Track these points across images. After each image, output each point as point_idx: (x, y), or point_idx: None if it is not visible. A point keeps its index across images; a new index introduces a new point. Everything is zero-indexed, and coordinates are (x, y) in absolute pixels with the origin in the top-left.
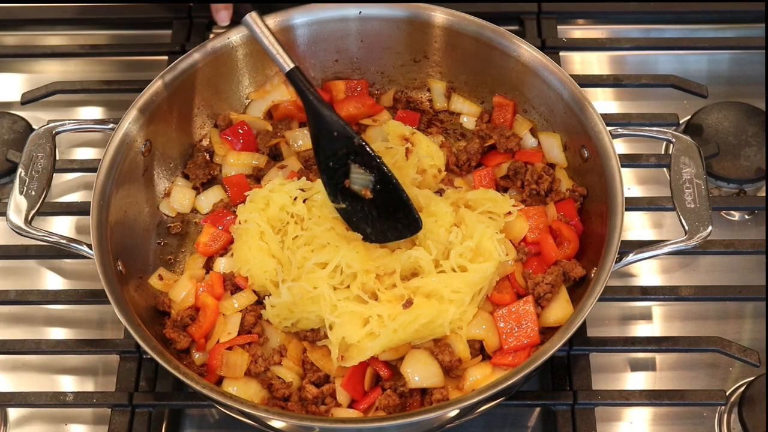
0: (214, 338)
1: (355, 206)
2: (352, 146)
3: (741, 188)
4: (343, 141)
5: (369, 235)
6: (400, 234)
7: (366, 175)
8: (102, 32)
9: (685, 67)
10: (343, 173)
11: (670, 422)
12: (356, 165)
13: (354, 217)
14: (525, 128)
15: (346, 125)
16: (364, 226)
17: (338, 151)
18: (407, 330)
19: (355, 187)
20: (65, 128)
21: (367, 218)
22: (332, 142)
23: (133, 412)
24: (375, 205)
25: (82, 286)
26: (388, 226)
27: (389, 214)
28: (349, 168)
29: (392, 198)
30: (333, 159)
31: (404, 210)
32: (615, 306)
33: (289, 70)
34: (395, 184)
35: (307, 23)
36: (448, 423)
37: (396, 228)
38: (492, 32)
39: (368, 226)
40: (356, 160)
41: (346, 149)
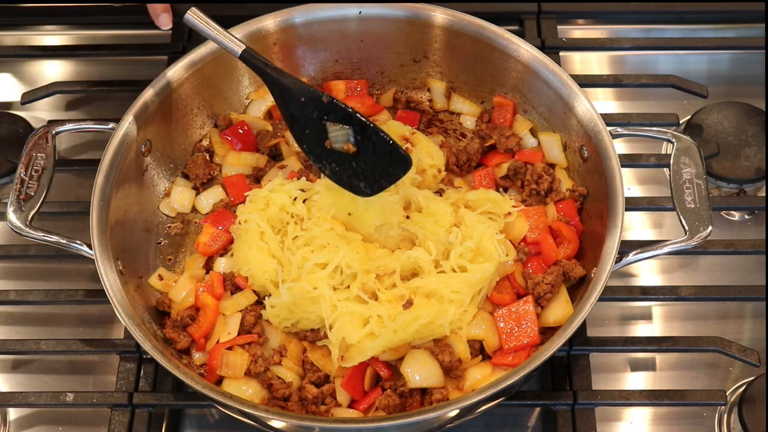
0: (214, 338)
1: (342, 165)
2: (323, 105)
3: (741, 188)
4: (312, 104)
5: (364, 189)
6: (393, 176)
7: (344, 129)
8: (102, 32)
9: (685, 67)
10: (322, 136)
11: (670, 422)
12: (331, 123)
13: (344, 176)
14: (525, 128)
15: (311, 88)
16: (356, 182)
17: (310, 116)
18: (407, 330)
19: (337, 146)
20: (65, 128)
21: (357, 173)
22: (302, 108)
23: (133, 412)
24: (361, 158)
25: (82, 286)
26: (379, 173)
27: (377, 160)
28: (326, 128)
29: (375, 143)
30: (308, 126)
31: (391, 150)
32: (615, 306)
33: (241, 52)
34: (374, 128)
35: (307, 23)
36: (448, 423)
37: (387, 171)
38: (492, 32)
39: (361, 181)
40: (330, 118)
41: (317, 110)
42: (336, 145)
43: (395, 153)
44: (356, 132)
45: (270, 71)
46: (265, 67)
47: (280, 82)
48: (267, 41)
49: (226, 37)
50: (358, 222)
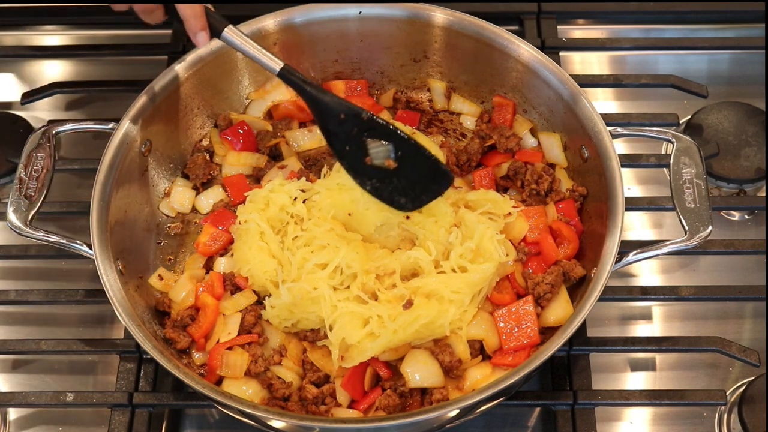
0: (214, 338)
1: (383, 181)
2: (362, 122)
3: (741, 188)
4: (351, 120)
5: (405, 205)
6: (435, 191)
7: (384, 145)
8: (102, 32)
9: (685, 67)
10: (362, 152)
11: (670, 422)
12: (371, 139)
13: (384, 192)
14: (525, 128)
15: (350, 104)
16: (397, 197)
17: (350, 132)
18: (407, 330)
19: (377, 162)
20: (65, 128)
21: (398, 189)
22: (342, 124)
23: (133, 412)
24: (402, 173)
25: (82, 286)
26: (420, 189)
27: (418, 177)
28: (366, 144)
29: (417, 159)
30: (348, 142)
31: (431, 166)
32: (615, 306)
33: (279, 70)
34: (415, 144)
35: (307, 23)
36: (448, 423)
37: (429, 187)
38: (492, 32)
39: (402, 196)
40: (370, 134)
41: (358, 127)
42: (376, 161)
43: (436, 168)
44: (397, 148)
45: (309, 89)
46: (303, 84)
47: (319, 99)
48: (267, 41)
49: (265, 55)
50: (358, 222)
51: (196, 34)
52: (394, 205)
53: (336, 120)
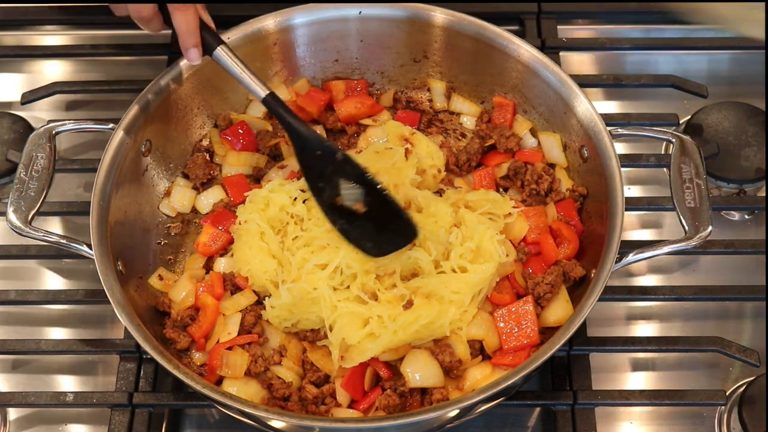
0: (214, 338)
1: (351, 223)
2: (336, 162)
3: (741, 188)
4: (327, 158)
5: (369, 250)
6: (398, 243)
7: (355, 188)
8: (102, 32)
9: (685, 67)
10: (334, 191)
11: (670, 422)
12: (344, 180)
13: (352, 234)
14: (525, 128)
15: (328, 143)
16: (363, 241)
17: (325, 170)
18: (407, 331)
19: (347, 203)
20: (65, 128)
21: (365, 233)
22: (317, 161)
23: (133, 412)
24: (370, 218)
25: (82, 286)
26: (385, 238)
27: (384, 225)
28: (338, 184)
29: (384, 207)
30: (322, 179)
31: (398, 217)
32: (615, 306)
33: (264, 96)
34: (385, 194)
35: (307, 23)
36: (448, 423)
37: (393, 238)
38: (492, 32)
39: (367, 241)
40: (343, 175)
41: (332, 166)
42: (346, 202)
43: (402, 220)
44: (367, 193)
45: (290, 119)
46: (285, 114)
47: (299, 132)
48: (267, 41)
49: (253, 80)
50: None
51: (188, 50)
52: (360, 248)
53: (312, 155)
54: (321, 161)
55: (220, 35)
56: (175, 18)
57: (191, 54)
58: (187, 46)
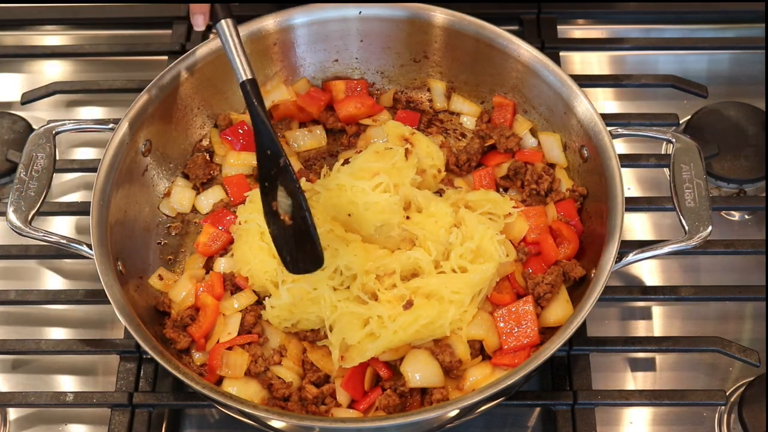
0: (214, 338)
1: (281, 230)
2: (278, 167)
3: (741, 188)
4: (273, 159)
5: (287, 264)
6: (305, 268)
7: (286, 198)
8: (102, 32)
9: (685, 67)
10: (273, 195)
11: (670, 422)
12: (281, 187)
13: (279, 241)
14: (525, 128)
15: (278, 145)
16: (285, 253)
17: (271, 170)
18: (407, 331)
19: (280, 210)
20: (65, 128)
21: (288, 245)
22: (267, 160)
23: (133, 412)
24: (293, 233)
25: (82, 286)
26: (300, 257)
27: (301, 245)
28: (277, 189)
29: (303, 228)
30: (267, 178)
31: (311, 243)
32: (615, 306)
33: (243, 80)
34: (305, 215)
35: (307, 23)
36: (448, 423)
37: (304, 260)
38: (492, 32)
39: (287, 254)
40: (281, 181)
41: (276, 169)
42: (279, 209)
43: (314, 248)
44: (294, 208)
45: (256, 111)
46: (255, 105)
47: (258, 126)
48: (267, 41)
49: (240, 60)
50: (358, 223)
51: (195, 15)
52: (280, 257)
53: (264, 153)
54: (269, 161)
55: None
56: None
57: (197, 20)
58: (195, 11)
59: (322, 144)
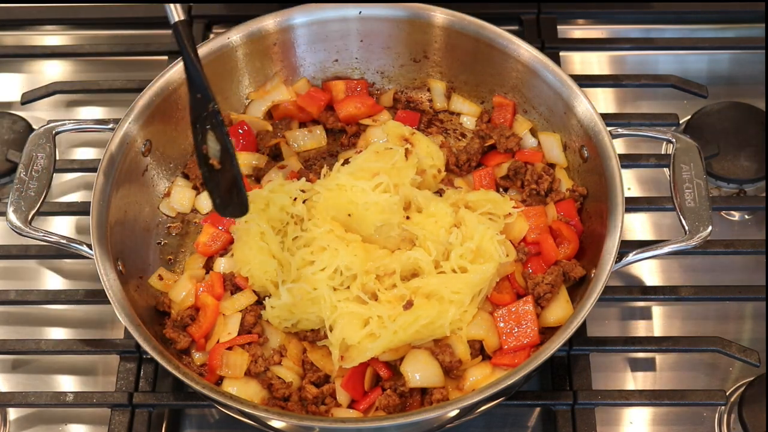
0: (214, 338)
1: (211, 174)
2: (208, 112)
3: (741, 188)
4: (203, 104)
5: (218, 206)
6: (232, 212)
7: (215, 143)
8: (102, 32)
9: (685, 67)
10: (203, 138)
11: (670, 422)
12: (211, 132)
13: (209, 183)
14: (525, 128)
15: (208, 88)
16: (215, 195)
17: (201, 113)
18: (408, 331)
19: (210, 154)
20: (65, 128)
21: (218, 189)
22: (197, 103)
23: (133, 412)
24: (221, 178)
25: (82, 286)
26: (227, 202)
27: (228, 191)
28: (206, 133)
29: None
30: (198, 121)
31: (237, 190)
32: (615, 306)
33: (175, 21)
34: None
35: (307, 23)
36: (448, 423)
37: (232, 205)
38: (492, 32)
39: (217, 197)
40: (211, 127)
41: (206, 113)
42: (209, 153)
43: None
44: (222, 152)
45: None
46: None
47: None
48: (267, 41)
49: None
50: (358, 223)
51: None
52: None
53: (194, 96)
54: (199, 104)
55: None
56: None
57: None
58: None
59: (322, 144)
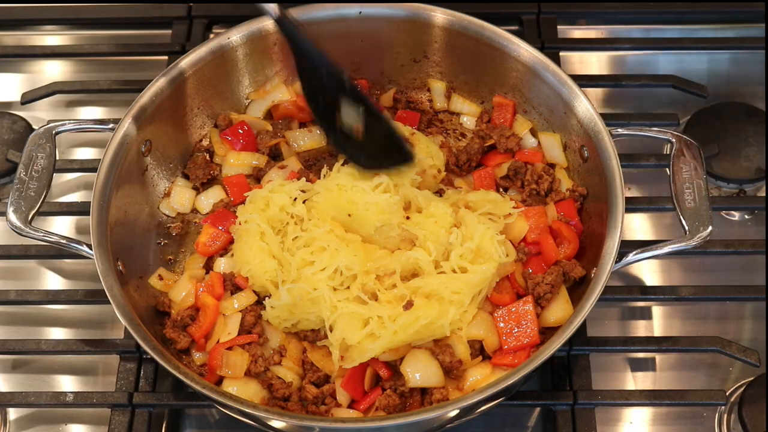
0: (214, 338)
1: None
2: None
3: (741, 188)
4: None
5: (363, 163)
6: (394, 163)
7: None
8: (102, 32)
9: (685, 67)
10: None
11: (670, 422)
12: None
13: (347, 146)
14: (525, 128)
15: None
16: (358, 153)
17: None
18: (408, 331)
19: (346, 124)
20: (65, 128)
21: (361, 147)
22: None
23: (133, 412)
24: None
25: (82, 286)
26: (382, 158)
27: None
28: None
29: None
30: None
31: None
32: (615, 306)
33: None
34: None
35: (307, 23)
36: (448, 423)
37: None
38: (492, 32)
39: (363, 155)
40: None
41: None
42: (346, 122)
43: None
44: (367, 117)
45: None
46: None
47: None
48: (267, 41)
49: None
50: (358, 223)
51: None
52: (353, 159)
53: (318, 76)
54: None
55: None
56: None
57: None
58: None
59: (322, 144)
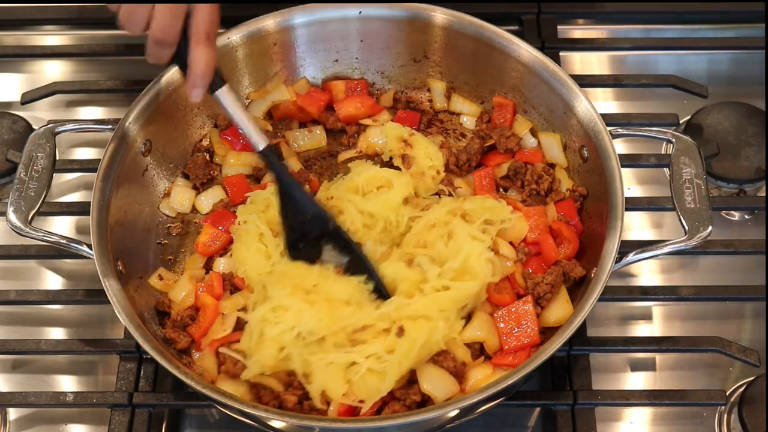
0: (210, 336)
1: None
2: (327, 230)
3: (741, 188)
4: (316, 223)
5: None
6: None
7: (340, 256)
8: (102, 32)
9: (685, 67)
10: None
11: (670, 422)
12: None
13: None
14: (525, 128)
15: (321, 208)
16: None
17: (310, 233)
18: (410, 357)
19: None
20: (65, 128)
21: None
22: (304, 224)
23: (133, 412)
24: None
25: (82, 286)
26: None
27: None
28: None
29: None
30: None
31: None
32: (615, 306)
33: (263, 148)
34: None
35: (307, 23)
36: (448, 423)
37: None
38: (492, 32)
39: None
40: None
41: (321, 231)
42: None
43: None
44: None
45: (285, 177)
46: (281, 171)
47: (292, 194)
48: (267, 41)
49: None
50: (326, 293)
51: (195, 90)
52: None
53: (302, 218)
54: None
55: (221, 34)
56: (195, 53)
57: (196, 94)
58: (197, 85)
59: (322, 144)
